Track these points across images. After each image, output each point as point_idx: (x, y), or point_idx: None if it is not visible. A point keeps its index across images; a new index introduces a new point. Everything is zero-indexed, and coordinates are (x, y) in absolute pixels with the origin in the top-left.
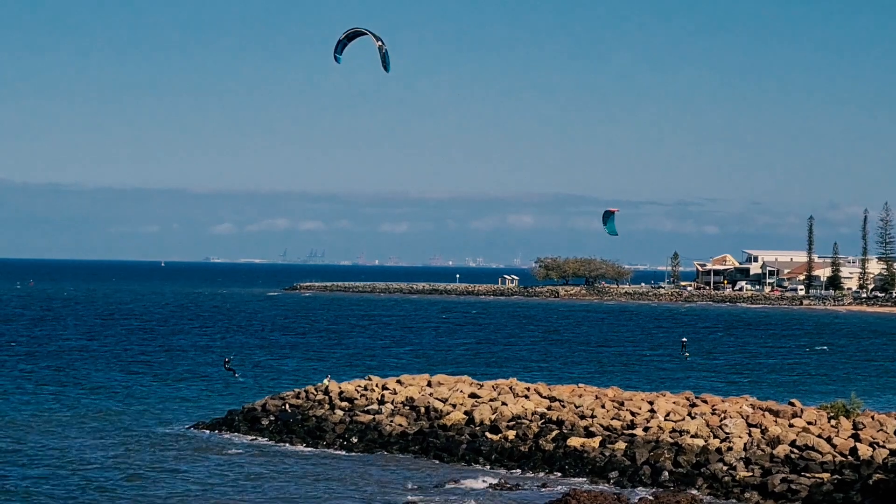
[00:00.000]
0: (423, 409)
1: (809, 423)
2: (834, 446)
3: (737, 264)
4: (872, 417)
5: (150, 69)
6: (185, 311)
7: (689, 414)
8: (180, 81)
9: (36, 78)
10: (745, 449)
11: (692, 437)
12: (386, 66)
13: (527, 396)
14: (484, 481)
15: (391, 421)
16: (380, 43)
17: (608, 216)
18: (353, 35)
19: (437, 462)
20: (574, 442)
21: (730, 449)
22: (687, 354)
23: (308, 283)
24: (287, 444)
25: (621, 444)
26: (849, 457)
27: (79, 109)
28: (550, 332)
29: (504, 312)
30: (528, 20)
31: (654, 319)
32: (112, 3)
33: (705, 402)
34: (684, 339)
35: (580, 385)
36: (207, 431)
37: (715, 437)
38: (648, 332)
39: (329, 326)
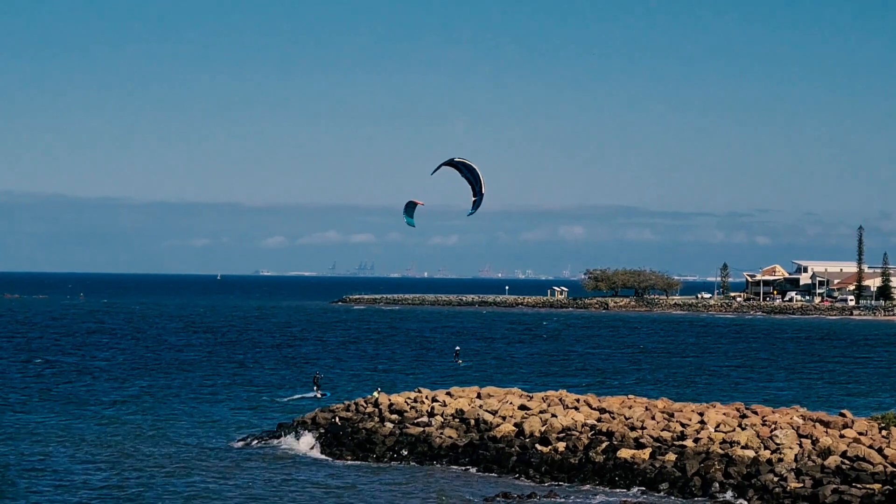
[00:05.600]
0: (472, 422)
1: (860, 433)
2: (885, 457)
3: (786, 275)
4: None
5: (201, 85)
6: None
7: (740, 425)
8: (230, 97)
9: (89, 94)
10: (795, 460)
11: (743, 448)
12: (472, 212)
13: (577, 408)
14: (534, 493)
15: (441, 433)
16: (482, 194)
17: (411, 207)
18: (458, 165)
19: (487, 474)
20: (624, 453)
21: (780, 460)
22: (460, 361)
23: (357, 296)
24: (337, 457)
25: (671, 456)
26: None
27: (131, 125)
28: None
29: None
30: (576, 33)
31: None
32: (156, 20)
33: (755, 413)
34: (458, 348)
35: (630, 396)
36: (257, 443)
37: (765, 448)
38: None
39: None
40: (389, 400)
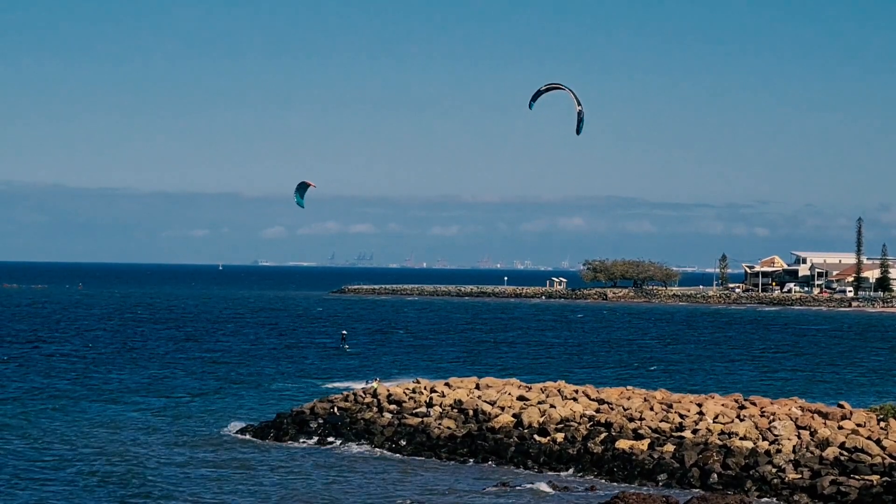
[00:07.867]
0: (471, 412)
1: (859, 425)
2: (883, 448)
3: (785, 266)
4: None
5: (200, 75)
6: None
7: (738, 416)
8: (229, 87)
9: (88, 84)
10: (794, 451)
11: (741, 439)
12: (579, 129)
13: (575, 399)
14: (532, 484)
15: (440, 424)
16: (580, 108)
17: (303, 188)
18: (551, 88)
19: (486, 465)
20: (622, 444)
21: (779, 451)
22: (347, 347)
23: (356, 286)
24: (335, 447)
25: (670, 447)
26: None
27: (130, 115)
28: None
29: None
30: (573, 26)
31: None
32: (155, 10)
33: (754, 404)
34: (344, 332)
35: (628, 387)
36: (254, 434)
37: (764, 439)
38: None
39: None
40: (388, 390)
